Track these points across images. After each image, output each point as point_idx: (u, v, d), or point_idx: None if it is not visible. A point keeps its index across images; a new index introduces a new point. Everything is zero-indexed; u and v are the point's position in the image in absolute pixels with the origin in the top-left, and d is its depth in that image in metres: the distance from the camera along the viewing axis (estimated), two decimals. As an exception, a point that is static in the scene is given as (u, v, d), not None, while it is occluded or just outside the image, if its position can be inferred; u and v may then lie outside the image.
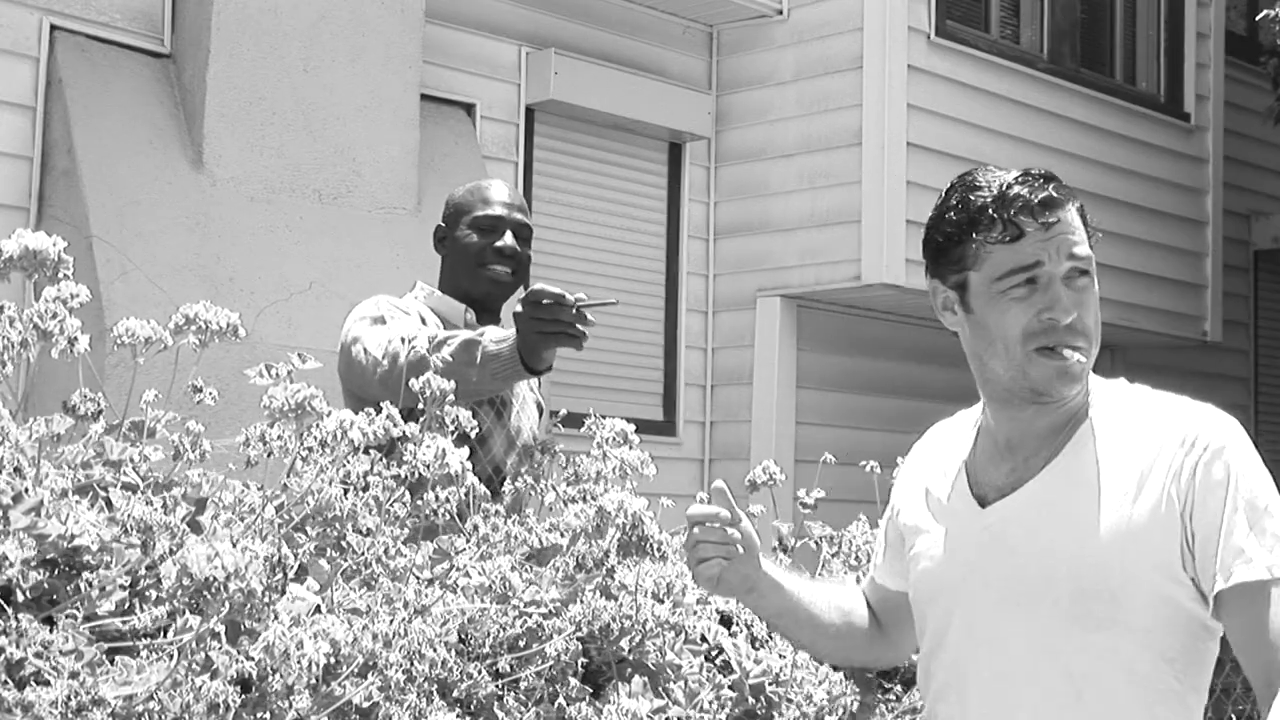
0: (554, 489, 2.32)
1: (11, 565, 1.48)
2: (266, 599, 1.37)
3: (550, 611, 1.88)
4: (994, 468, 1.84)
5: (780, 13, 7.64)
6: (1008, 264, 1.75)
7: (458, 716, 1.61)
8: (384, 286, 3.23)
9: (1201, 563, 1.68)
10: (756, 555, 1.86)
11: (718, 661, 2.17)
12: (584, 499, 2.18)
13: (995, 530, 1.79)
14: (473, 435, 2.17)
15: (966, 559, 1.82)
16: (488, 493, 2.13)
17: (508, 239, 3.04)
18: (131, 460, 1.83)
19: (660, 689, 1.95)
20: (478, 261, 3.04)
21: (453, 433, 2.08)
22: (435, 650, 1.63)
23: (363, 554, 1.82)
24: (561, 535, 1.98)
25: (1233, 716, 5.19)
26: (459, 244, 3.08)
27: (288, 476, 1.82)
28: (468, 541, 1.98)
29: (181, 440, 1.89)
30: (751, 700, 2.13)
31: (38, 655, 1.42)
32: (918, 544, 1.91)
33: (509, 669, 1.80)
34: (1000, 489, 1.81)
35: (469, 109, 6.86)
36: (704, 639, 2.17)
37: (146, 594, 1.59)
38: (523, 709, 1.78)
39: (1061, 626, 1.72)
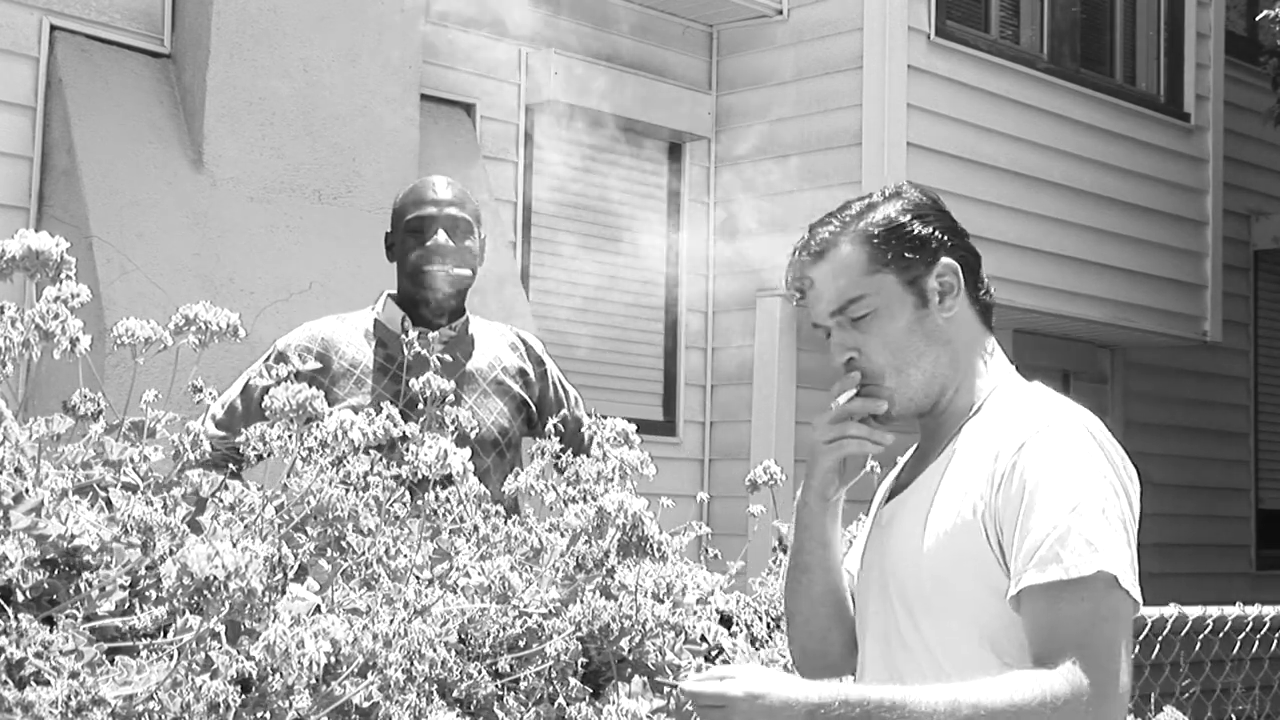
0: (554, 489, 2.32)
1: (12, 565, 1.48)
2: (267, 599, 1.37)
3: (550, 611, 1.88)
4: (903, 471, 2.01)
5: (780, 13, 7.64)
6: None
7: (458, 716, 1.61)
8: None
9: (1010, 561, 1.77)
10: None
11: (717, 661, 2.17)
12: (584, 499, 2.18)
13: (881, 528, 1.97)
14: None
15: (866, 554, 2.00)
16: (486, 491, 2.12)
17: (439, 237, 3.03)
18: (131, 460, 1.83)
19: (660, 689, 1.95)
20: (416, 267, 3.05)
21: (453, 433, 2.08)
22: (435, 650, 1.63)
23: (363, 554, 1.82)
24: (561, 535, 1.98)
25: (1233, 716, 5.18)
26: (400, 252, 3.09)
27: (288, 476, 1.82)
28: (467, 541, 1.98)
29: (181, 440, 1.89)
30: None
31: (38, 655, 1.42)
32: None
33: (509, 669, 1.80)
34: (894, 490, 1.98)
35: (469, 109, 6.85)
36: (704, 639, 2.17)
37: (146, 594, 1.59)
38: (523, 709, 1.78)
39: (905, 614, 1.87)
